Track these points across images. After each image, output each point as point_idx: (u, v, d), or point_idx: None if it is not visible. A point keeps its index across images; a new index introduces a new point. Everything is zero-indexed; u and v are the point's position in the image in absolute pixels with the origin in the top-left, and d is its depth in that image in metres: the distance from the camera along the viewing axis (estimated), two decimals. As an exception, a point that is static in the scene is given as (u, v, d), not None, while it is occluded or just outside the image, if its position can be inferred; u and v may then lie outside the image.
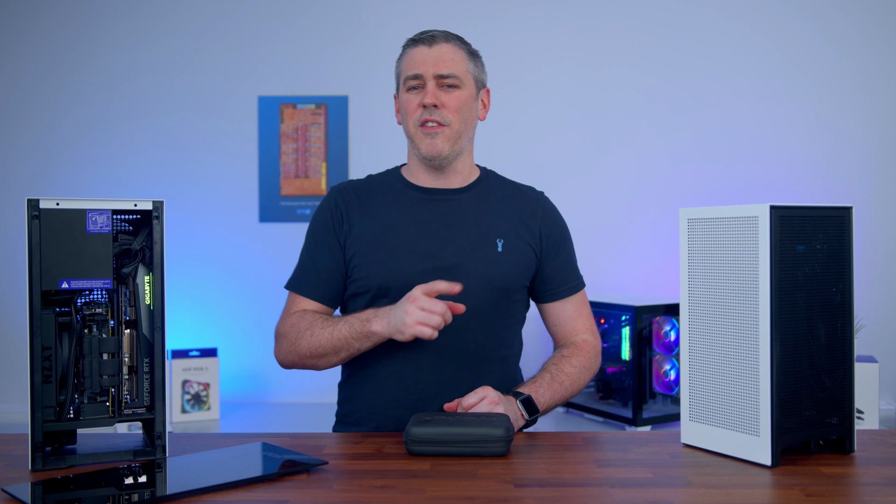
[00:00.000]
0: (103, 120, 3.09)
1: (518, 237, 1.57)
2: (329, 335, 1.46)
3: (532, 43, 3.08)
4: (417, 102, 1.53)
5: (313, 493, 1.03)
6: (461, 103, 1.54)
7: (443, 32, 1.57)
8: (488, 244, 1.54)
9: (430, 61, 1.52)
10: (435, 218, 1.56)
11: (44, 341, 1.11)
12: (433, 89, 1.52)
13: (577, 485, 1.06)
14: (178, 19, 3.08)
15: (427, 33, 1.56)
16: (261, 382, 3.09)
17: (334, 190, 1.63)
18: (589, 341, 1.62)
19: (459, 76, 1.54)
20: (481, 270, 1.51)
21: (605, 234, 3.05)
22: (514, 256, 1.55)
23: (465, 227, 1.55)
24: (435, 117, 1.52)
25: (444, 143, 1.53)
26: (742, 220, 1.15)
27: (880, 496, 1.01)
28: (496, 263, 1.53)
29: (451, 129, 1.53)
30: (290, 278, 1.62)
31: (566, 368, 1.54)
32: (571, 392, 1.54)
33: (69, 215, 1.12)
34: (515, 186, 1.67)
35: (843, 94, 3.05)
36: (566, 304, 1.63)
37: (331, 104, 3.09)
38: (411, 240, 1.53)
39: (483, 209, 1.58)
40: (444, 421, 1.21)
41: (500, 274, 1.53)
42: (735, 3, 3.06)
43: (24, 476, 1.09)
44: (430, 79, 1.52)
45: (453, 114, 1.53)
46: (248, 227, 3.10)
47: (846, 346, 1.18)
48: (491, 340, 1.54)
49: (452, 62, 1.53)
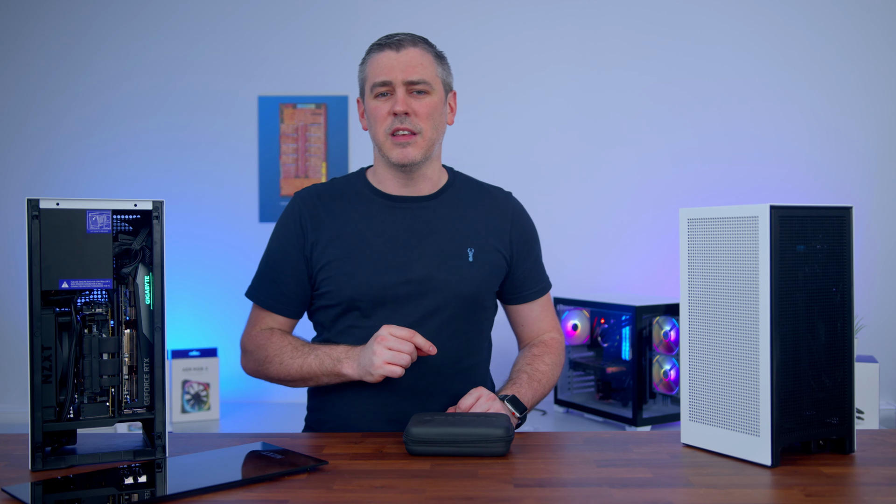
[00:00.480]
0: (103, 120, 3.09)
1: (488, 244, 1.55)
2: (298, 367, 1.46)
3: (532, 43, 3.08)
4: (387, 110, 1.48)
5: (313, 493, 1.03)
6: (432, 109, 1.50)
7: (409, 36, 1.52)
8: (459, 255, 1.52)
9: (398, 67, 1.48)
10: (404, 228, 1.52)
11: (44, 341, 1.11)
12: (403, 96, 1.47)
13: (577, 485, 1.06)
14: (178, 19, 3.08)
15: (393, 37, 1.51)
16: (261, 382, 3.05)
17: (297, 197, 1.58)
18: (556, 338, 1.66)
19: (429, 81, 1.49)
20: (453, 282, 1.50)
21: (606, 234, 3.05)
22: (485, 265, 1.54)
23: (435, 238, 1.52)
24: (406, 125, 1.47)
25: (416, 151, 1.49)
26: (742, 220, 1.15)
27: (880, 496, 1.01)
28: (467, 275, 1.51)
29: (422, 137, 1.49)
30: (251, 286, 1.60)
31: (541, 367, 1.57)
32: (547, 389, 1.57)
33: (69, 215, 1.12)
34: (484, 189, 1.64)
35: (843, 95, 3.05)
36: (534, 306, 1.64)
37: (331, 104, 3.09)
38: (380, 252, 1.50)
39: (452, 216, 1.55)
40: (444, 421, 1.21)
41: (472, 284, 1.52)
42: (735, 4, 3.06)
43: (24, 476, 1.09)
44: (400, 85, 1.48)
45: (424, 121, 1.49)
46: (248, 227, 3.10)
47: (846, 346, 1.18)
48: (462, 350, 1.53)
49: (422, 67, 1.49)
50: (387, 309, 1.49)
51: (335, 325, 1.54)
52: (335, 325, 1.54)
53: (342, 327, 1.52)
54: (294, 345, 1.50)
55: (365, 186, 1.58)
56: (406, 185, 1.55)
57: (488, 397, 1.39)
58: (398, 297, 1.49)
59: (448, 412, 1.37)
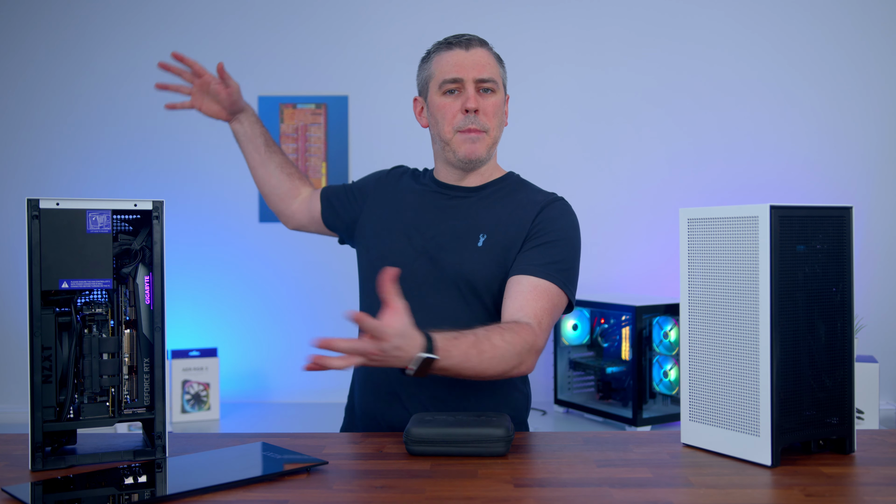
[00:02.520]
0: (103, 120, 3.09)
1: (505, 234, 1.51)
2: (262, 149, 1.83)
3: (530, 45, 3.08)
4: (458, 107, 1.52)
5: (313, 493, 1.03)
6: (497, 108, 1.55)
7: (476, 37, 1.56)
8: (469, 238, 1.52)
9: (469, 65, 1.52)
10: (433, 209, 1.58)
11: (44, 341, 1.11)
12: (474, 94, 1.51)
13: (577, 485, 1.06)
14: (178, 20, 3.08)
15: (462, 37, 1.55)
16: (261, 382, 3.09)
17: (390, 169, 1.73)
18: (530, 326, 1.39)
19: (496, 81, 1.55)
20: (455, 262, 1.51)
21: (606, 234, 3.05)
22: (494, 252, 1.50)
23: (452, 222, 1.56)
24: (475, 124, 1.52)
25: (483, 148, 1.54)
26: (742, 220, 1.15)
27: (880, 496, 1.01)
28: (470, 257, 1.51)
29: (489, 135, 1.54)
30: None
31: (495, 339, 1.32)
32: (488, 367, 1.31)
33: (69, 215, 1.12)
34: (531, 190, 1.60)
35: (842, 95, 3.05)
36: (523, 282, 1.45)
37: (331, 104, 3.09)
38: (404, 223, 1.58)
39: (480, 206, 1.57)
40: (444, 421, 1.21)
41: (475, 267, 1.49)
42: (734, 5, 3.06)
43: (24, 476, 1.09)
44: (471, 83, 1.51)
45: (491, 119, 1.54)
46: (248, 227, 3.10)
47: (846, 346, 1.18)
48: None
49: (491, 66, 1.54)
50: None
51: (365, 286, 1.62)
52: (365, 286, 1.62)
53: (368, 289, 1.59)
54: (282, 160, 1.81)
55: (429, 175, 1.67)
56: (461, 178, 1.61)
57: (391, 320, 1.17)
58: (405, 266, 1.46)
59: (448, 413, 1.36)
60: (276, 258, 3.05)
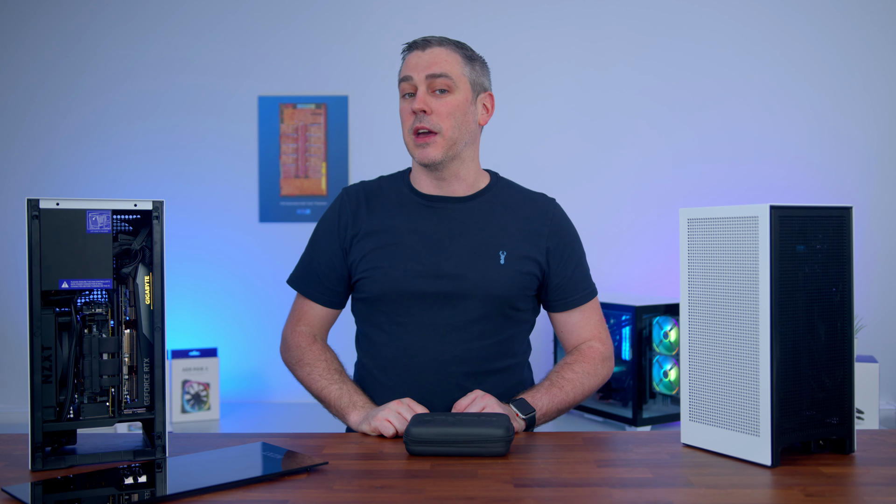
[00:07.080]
0: (103, 120, 3.10)
1: (521, 249, 1.53)
2: (319, 388, 1.52)
3: (532, 43, 3.08)
4: (410, 109, 1.50)
5: (313, 493, 1.03)
6: (453, 108, 1.49)
7: (439, 37, 1.53)
8: (490, 256, 1.51)
9: (421, 65, 1.49)
10: (437, 227, 1.54)
11: (44, 341, 1.11)
12: (423, 94, 1.49)
13: (577, 485, 1.06)
14: (178, 19, 3.08)
15: (424, 38, 1.53)
16: (261, 382, 3.09)
17: (344, 192, 1.62)
18: (595, 348, 1.59)
19: (451, 77, 1.49)
20: (482, 283, 1.50)
21: (606, 234, 3.05)
22: (517, 269, 1.52)
23: (466, 238, 1.52)
24: (425, 124, 1.48)
25: (435, 150, 1.49)
26: (742, 220, 1.15)
27: (880, 496, 1.01)
28: (497, 276, 1.50)
29: (442, 137, 1.49)
30: (292, 274, 1.63)
31: (567, 374, 1.52)
32: (574, 396, 1.52)
33: (69, 215, 1.12)
34: (526, 194, 1.62)
35: (843, 95, 3.05)
36: (573, 314, 1.60)
37: (331, 104, 3.09)
38: (412, 249, 1.51)
39: (487, 220, 1.55)
40: (444, 421, 1.21)
41: (502, 286, 1.51)
42: (736, 4, 3.06)
43: (24, 476, 1.09)
44: (421, 82, 1.49)
45: (444, 119, 1.49)
46: (248, 227, 3.10)
47: (846, 346, 1.18)
48: (494, 352, 1.52)
49: (445, 63, 1.49)
50: (416, 307, 1.50)
51: (369, 319, 1.56)
52: (369, 319, 1.56)
53: (376, 321, 1.55)
54: (328, 364, 1.54)
55: (405, 185, 1.60)
56: (439, 186, 1.56)
57: (483, 397, 1.39)
58: (426, 295, 1.49)
59: (448, 413, 1.37)
60: (276, 258, 3.05)
